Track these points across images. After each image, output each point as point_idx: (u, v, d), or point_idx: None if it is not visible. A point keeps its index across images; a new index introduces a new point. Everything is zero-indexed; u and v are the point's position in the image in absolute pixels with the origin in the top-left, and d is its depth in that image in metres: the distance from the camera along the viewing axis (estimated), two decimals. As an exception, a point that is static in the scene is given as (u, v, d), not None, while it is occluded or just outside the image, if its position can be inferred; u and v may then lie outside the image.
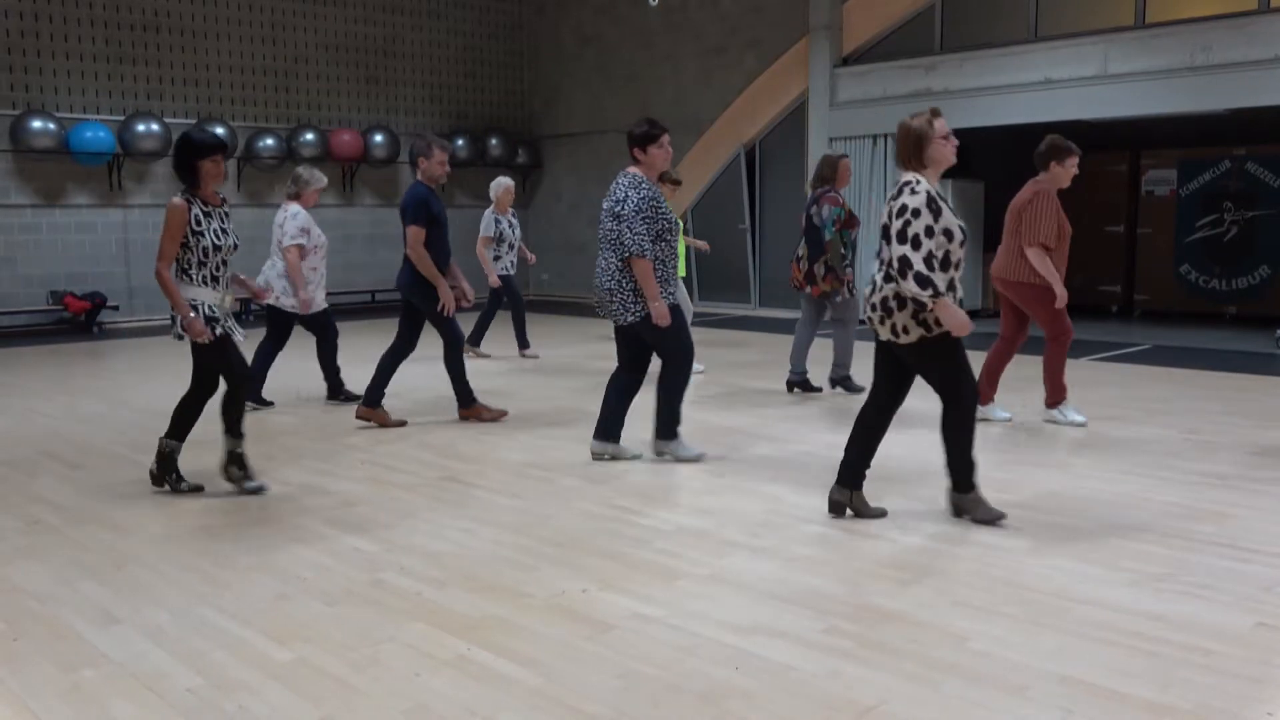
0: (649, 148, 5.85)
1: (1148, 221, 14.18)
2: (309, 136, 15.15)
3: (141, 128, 13.76)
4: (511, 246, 10.66)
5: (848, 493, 4.95)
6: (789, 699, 3.11)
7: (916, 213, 4.48)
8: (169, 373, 9.79)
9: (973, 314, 13.29)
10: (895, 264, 4.52)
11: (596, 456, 6.17)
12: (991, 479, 5.59)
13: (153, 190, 14.44)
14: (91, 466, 6.15)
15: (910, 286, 4.48)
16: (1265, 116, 11.62)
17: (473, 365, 9.13)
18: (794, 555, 4.42)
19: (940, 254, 4.51)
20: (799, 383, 8.36)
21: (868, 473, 4.98)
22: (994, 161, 13.72)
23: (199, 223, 5.23)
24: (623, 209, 5.74)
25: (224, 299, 5.38)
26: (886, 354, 4.87)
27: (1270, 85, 10.55)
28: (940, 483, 5.54)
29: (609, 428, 6.14)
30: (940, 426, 4.85)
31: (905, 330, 4.62)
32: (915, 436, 6.64)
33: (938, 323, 4.56)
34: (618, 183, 5.87)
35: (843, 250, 7.92)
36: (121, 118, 13.93)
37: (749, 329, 12.71)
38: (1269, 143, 13.12)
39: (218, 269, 5.33)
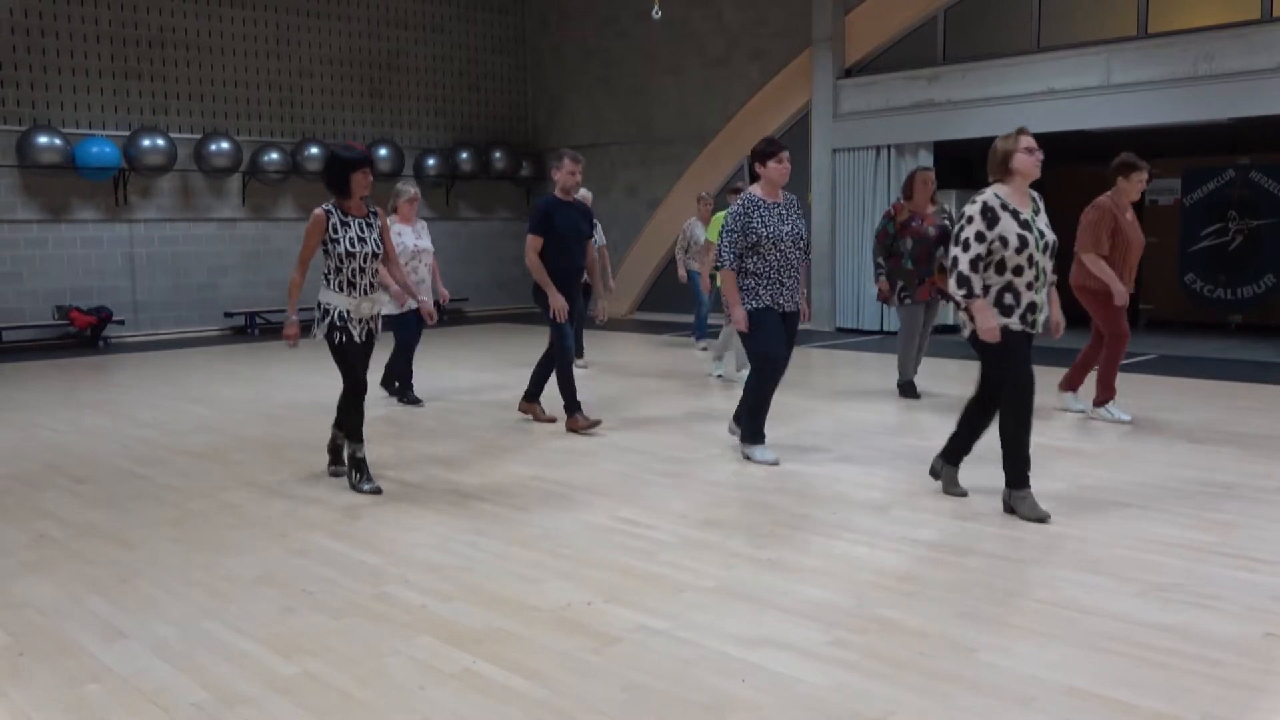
0: (768, 163, 6.20)
1: (1152, 231, 14.14)
2: (314, 150, 15.20)
3: (147, 143, 13.82)
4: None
5: (942, 463, 5.50)
6: (795, 711, 3.10)
7: (970, 219, 4.94)
8: (175, 387, 9.81)
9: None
10: (949, 262, 5.01)
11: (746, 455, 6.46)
12: (998, 490, 5.57)
13: (158, 205, 14.49)
14: (97, 481, 6.16)
15: (951, 284, 4.98)
16: (1269, 125, 11.62)
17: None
18: (799, 567, 4.41)
19: (995, 258, 4.91)
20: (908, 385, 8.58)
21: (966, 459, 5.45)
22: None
23: (335, 231, 5.57)
24: (723, 226, 6.22)
25: (360, 305, 5.64)
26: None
27: (1273, 94, 10.55)
28: (945, 494, 5.53)
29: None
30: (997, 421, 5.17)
31: (967, 325, 5.07)
32: (924, 449, 6.63)
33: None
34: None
35: (880, 260, 8.27)
36: (127, 133, 13.99)
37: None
38: (1273, 151, 13.12)
39: (354, 275, 5.62)
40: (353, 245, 5.57)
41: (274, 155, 15.02)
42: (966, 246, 4.91)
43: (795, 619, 3.82)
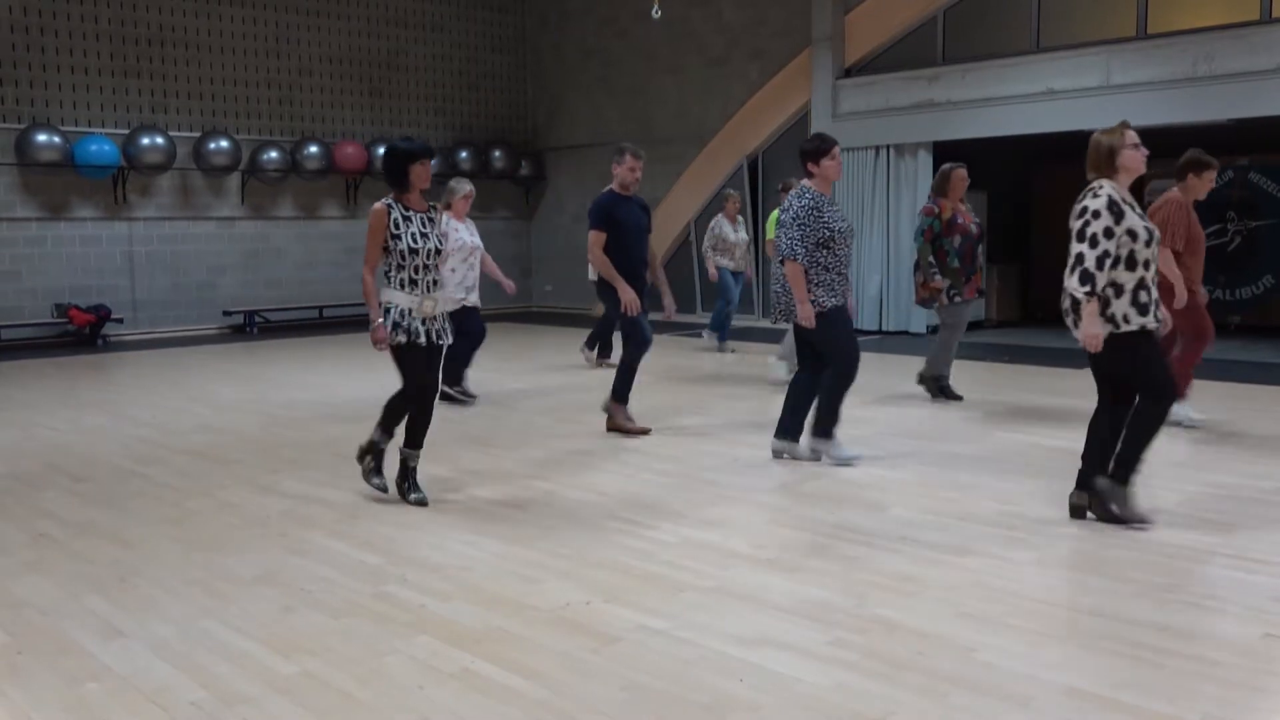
0: (821, 160, 6.18)
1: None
2: (313, 149, 15.20)
3: (146, 141, 13.81)
4: None
5: (1110, 484, 4.94)
6: (795, 711, 3.10)
7: (1096, 214, 4.74)
8: (174, 386, 9.81)
9: (976, 324, 13.29)
10: (1071, 259, 4.77)
11: (776, 455, 6.41)
12: (998, 490, 5.58)
13: (157, 203, 14.48)
14: (96, 480, 6.16)
15: (1073, 281, 4.74)
16: (1268, 126, 11.61)
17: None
18: (799, 567, 4.41)
19: (1124, 253, 4.73)
20: (938, 388, 8.48)
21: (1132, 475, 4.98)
22: (997, 172, 13.73)
23: (397, 226, 5.34)
24: (784, 216, 6.18)
25: (422, 303, 5.40)
26: (1093, 357, 4.93)
27: (1273, 95, 10.55)
28: (944, 494, 5.54)
29: (788, 427, 6.38)
30: (1130, 415, 4.92)
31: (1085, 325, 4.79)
32: (922, 449, 6.64)
33: (1125, 319, 4.75)
34: (791, 194, 6.31)
35: (931, 259, 8.10)
36: (126, 131, 13.97)
37: (750, 339, 12.70)
38: (1272, 152, 13.11)
39: (416, 272, 5.37)
40: (415, 241, 5.34)
41: (273, 154, 15.01)
42: (1094, 243, 4.70)
43: (794, 619, 3.82)
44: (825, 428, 6.25)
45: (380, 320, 5.31)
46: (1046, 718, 3.04)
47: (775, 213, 9.44)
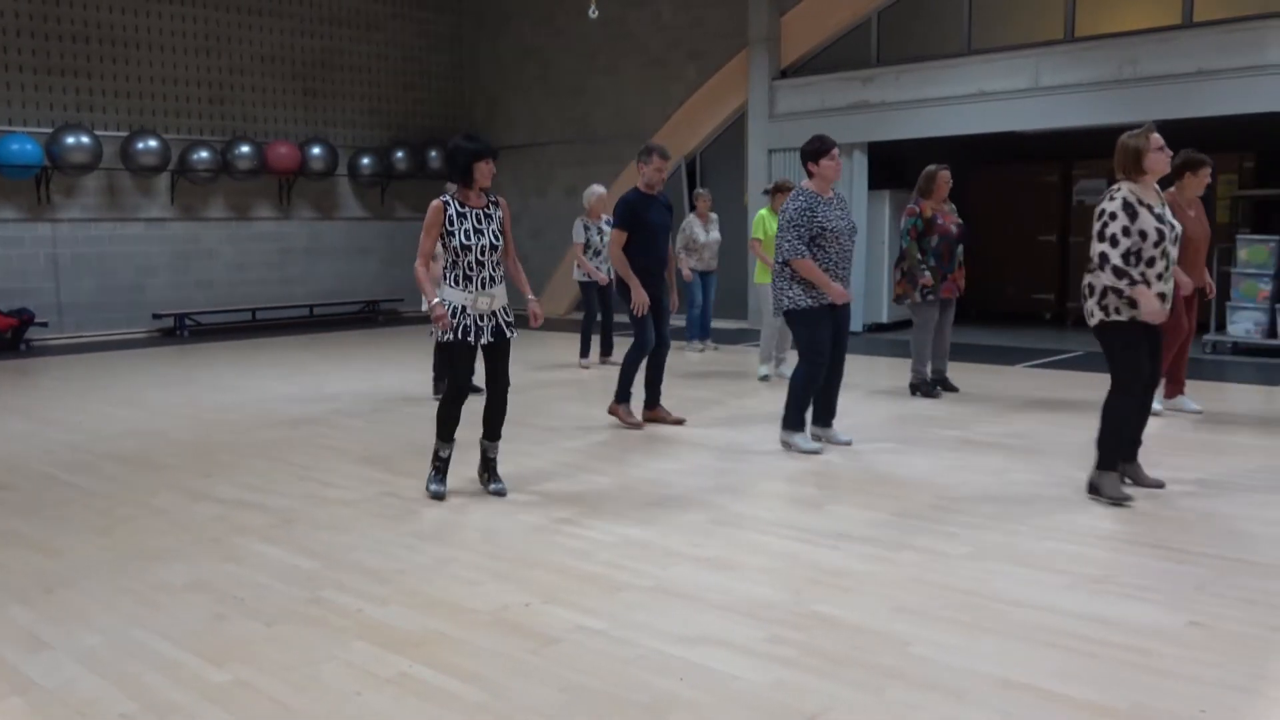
0: (820, 160, 6.42)
1: (1080, 230, 14.44)
2: (245, 149, 14.93)
3: (71, 140, 13.46)
4: (598, 253, 10.81)
5: (1121, 464, 5.47)
6: (733, 708, 3.11)
7: (1114, 215, 5.15)
8: (102, 391, 9.58)
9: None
10: (1095, 258, 5.18)
11: (784, 447, 6.66)
12: (934, 483, 5.66)
13: (83, 204, 14.13)
14: (19, 488, 5.99)
15: (1108, 278, 5.13)
16: (1189, 128, 11.91)
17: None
18: (737, 564, 4.43)
19: (1135, 250, 5.11)
20: (925, 384, 8.63)
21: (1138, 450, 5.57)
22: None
23: (452, 223, 5.38)
24: (782, 220, 6.45)
25: (477, 300, 5.42)
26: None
27: (1194, 97, 10.84)
28: (878, 489, 5.61)
29: (815, 416, 6.75)
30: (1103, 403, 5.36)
31: (1091, 314, 5.30)
32: (858, 446, 6.70)
33: (1117, 310, 5.18)
34: (789, 196, 6.61)
35: (919, 257, 8.32)
36: (50, 130, 13.61)
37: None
38: (1193, 148, 13.43)
39: (470, 269, 5.41)
40: (468, 238, 5.37)
41: (204, 154, 14.71)
42: (1115, 242, 5.11)
43: (733, 616, 3.84)
44: (790, 420, 6.56)
45: (436, 300, 5.38)
46: (981, 709, 3.08)
47: (763, 211, 9.68)
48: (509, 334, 5.58)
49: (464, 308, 5.40)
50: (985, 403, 8.20)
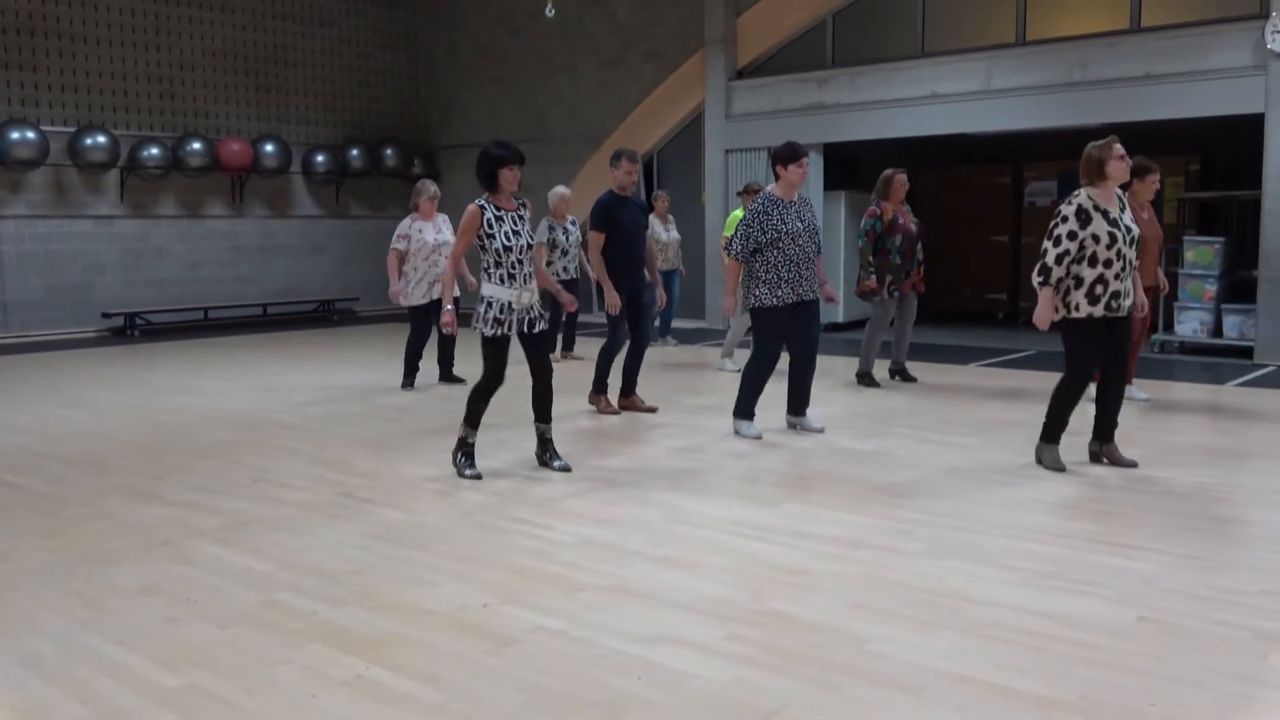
0: (789, 165, 6.65)
1: (1031, 231, 14.65)
2: (196, 146, 14.74)
3: (16, 135, 13.21)
4: (565, 253, 10.90)
5: (1098, 444, 6.11)
6: (691, 707, 3.12)
7: (1065, 219, 5.60)
8: (49, 391, 9.41)
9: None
10: (1041, 252, 5.66)
11: (791, 426, 7.15)
12: (886, 484, 5.71)
13: (29, 201, 13.87)
14: (-36, 490, 5.86)
15: (1035, 272, 5.66)
16: (1138, 130, 12.14)
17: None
18: (695, 563, 4.44)
19: (1088, 253, 5.56)
20: (870, 375, 9.10)
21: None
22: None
23: (490, 226, 5.73)
24: (744, 218, 6.75)
25: (521, 296, 5.79)
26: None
27: (1141, 101, 11.05)
28: (836, 486, 5.65)
29: (792, 403, 7.12)
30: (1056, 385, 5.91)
31: (1057, 310, 5.74)
32: (816, 443, 6.75)
33: (1076, 307, 5.64)
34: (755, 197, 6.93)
35: (870, 259, 8.78)
36: (-6, 125, 13.35)
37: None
38: (1142, 155, 13.67)
39: (513, 268, 5.78)
40: (508, 239, 5.73)
41: (154, 150, 14.51)
42: (1058, 242, 5.58)
43: (691, 615, 3.85)
44: (740, 408, 6.95)
45: (450, 307, 5.82)
46: (936, 705, 3.12)
47: (736, 212, 10.10)
48: (541, 325, 5.94)
49: (509, 304, 5.76)
50: (943, 400, 8.29)
